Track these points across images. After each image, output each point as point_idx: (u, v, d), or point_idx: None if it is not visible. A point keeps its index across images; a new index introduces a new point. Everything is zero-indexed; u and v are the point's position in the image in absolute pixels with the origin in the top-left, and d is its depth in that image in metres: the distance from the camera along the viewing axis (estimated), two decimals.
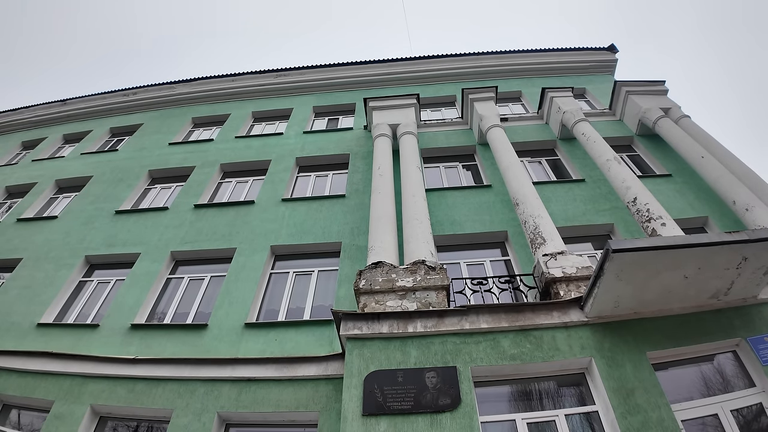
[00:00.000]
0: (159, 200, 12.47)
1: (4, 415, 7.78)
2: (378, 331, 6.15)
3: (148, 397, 7.17)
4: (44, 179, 14.28)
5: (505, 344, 5.89)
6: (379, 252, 7.64)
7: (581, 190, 10.31)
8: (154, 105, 17.51)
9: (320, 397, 6.71)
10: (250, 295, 8.73)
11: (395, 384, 5.59)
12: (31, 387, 7.70)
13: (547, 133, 12.72)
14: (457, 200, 10.40)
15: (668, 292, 5.61)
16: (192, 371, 7.28)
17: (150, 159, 14.03)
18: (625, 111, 12.56)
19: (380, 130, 11.69)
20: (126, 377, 7.48)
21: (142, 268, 9.82)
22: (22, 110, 18.95)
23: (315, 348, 7.51)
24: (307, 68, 17.21)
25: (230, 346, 7.81)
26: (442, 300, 6.63)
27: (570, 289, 6.49)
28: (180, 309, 9.07)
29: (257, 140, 14.08)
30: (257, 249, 9.75)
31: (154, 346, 8.09)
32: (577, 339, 5.80)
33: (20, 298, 9.79)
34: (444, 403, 5.32)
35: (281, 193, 11.40)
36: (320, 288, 9.04)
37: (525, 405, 5.66)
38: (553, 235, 7.60)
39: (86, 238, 11.15)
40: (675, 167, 10.78)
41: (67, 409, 7.22)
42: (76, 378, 7.64)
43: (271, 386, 6.95)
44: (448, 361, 5.77)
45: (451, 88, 16.14)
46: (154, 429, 7.12)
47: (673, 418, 4.97)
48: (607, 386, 5.28)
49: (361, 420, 5.32)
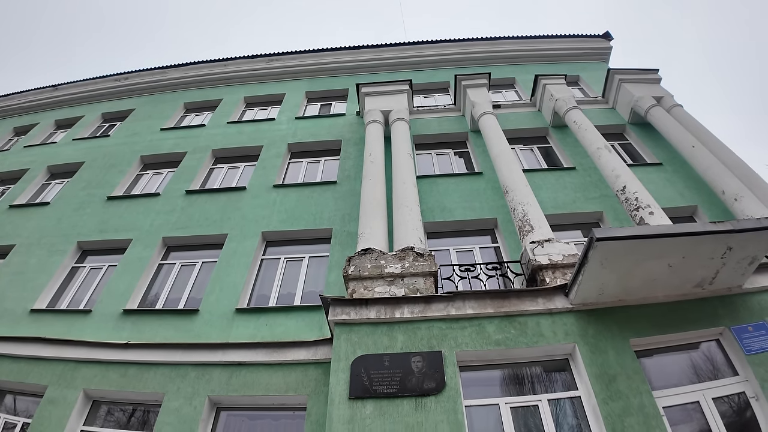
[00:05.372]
0: (151, 186, 12.42)
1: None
2: (366, 316, 6.23)
3: (140, 381, 7.25)
4: (36, 165, 14.19)
5: (491, 330, 5.97)
6: (369, 238, 7.69)
7: (572, 178, 10.35)
8: (146, 90, 17.32)
9: (309, 380, 6.81)
10: (241, 280, 8.78)
11: (382, 368, 5.69)
12: (25, 372, 7.76)
13: (539, 121, 12.72)
14: (449, 187, 10.42)
15: (653, 280, 5.68)
16: (183, 356, 7.35)
17: (142, 145, 13.94)
18: (618, 99, 12.56)
19: (372, 116, 11.66)
20: (118, 362, 7.54)
21: (134, 254, 9.84)
22: (14, 96, 18.72)
23: (305, 333, 7.58)
24: (300, 53, 17.06)
25: (221, 331, 7.89)
26: (429, 286, 6.70)
27: (556, 276, 6.56)
28: (172, 294, 9.12)
29: (249, 126, 14.01)
30: (248, 235, 9.78)
31: (146, 331, 8.15)
32: (561, 325, 5.89)
33: (13, 284, 9.80)
34: (429, 386, 5.42)
35: (273, 179, 11.40)
36: (311, 274, 9.10)
37: (509, 389, 5.77)
38: (541, 223, 7.66)
39: (78, 224, 11.14)
40: (666, 156, 10.81)
41: (61, 393, 7.29)
42: (69, 363, 7.70)
43: (261, 370, 7.04)
44: (433, 346, 5.86)
45: (444, 74, 16.04)
46: (147, 412, 7.21)
47: (654, 404, 5.07)
48: (590, 372, 5.38)
49: (348, 403, 5.42)
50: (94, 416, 7.29)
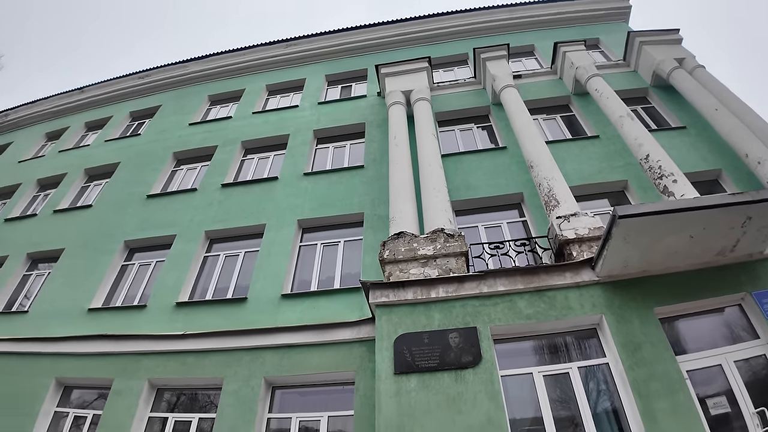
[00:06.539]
0: (186, 181, 12.99)
1: (65, 397, 8.61)
2: (403, 297, 6.69)
3: (198, 368, 7.93)
4: (73, 169, 14.84)
5: (521, 305, 6.36)
6: (400, 222, 8.08)
7: (596, 147, 10.44)
8: (170, 85, 17.72)
9: (355, 357, 7.36)
10: (283, 267, 9.33)
11: (422, 345, 6.18)
12: (90, 368, 8.51)
13: (561, 89, 12.70)
14: (473, 164, 10.65)
15: (674, 251, 5.91)
16: (237, 342, 7.98)
17: (172, 141, 14.46)
18: (639, 62, 12.39)
19: (394, 98, 11.87)
20: (177, 351, 8.21)
21: (179, 249, 10.47)
22: (41, 101, 19.30)
23: (346, 313, 8.08)
24: (317, 35, 17.16)
25: (269, 317, 8.47)
26: (461, 266, 7.09)
27: (582, 250, 6.86)
28: (219, 284, 9.75)
29: (274, 115, 14.36)
30: (285, 224, 10.28)
31: (199, 321, 8.77)
32: (588, 298, 6.24)
33: (67, 286, 10.55)
34: (466, 360, 5.89)
35: (302, 167, 11.81)
36: (347, 257, 9.57)
37: (541, 359, 6.21)
38: (567, 197, 7.89)
39: (122, 223, 11.78)
40: (690, 119, 10.71)
41: (126, 384, 8.00)
42: (131, 356, 8.40)
43: (309, 351, 7.62)
44: (468, 323, 6.30)
45: (462, 46, 15.95)
46: (208, 396, 7.89)
47: (678, 369, 5.43)
48: (617, 341, 5.75)
49: (394, 378, 5.95)
50: (159, 403, 8.02)
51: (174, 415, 7.78)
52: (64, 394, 8.62)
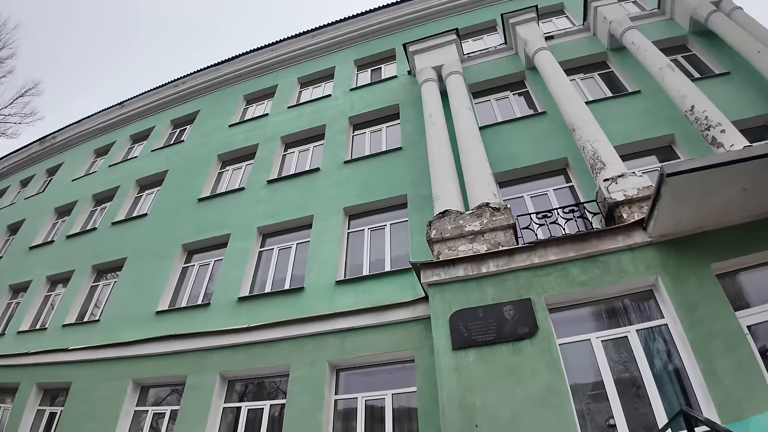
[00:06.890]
0: (234, 182, 13.49)
1: (143, 396, 9.32)
2: (455, 275, 6.84)
3: (265, 358, 8.42)
4: (125, 181, 15.71)
5: (574, 272, 6.37)
6: (444, 201, 8.17)
7: (638, 103, 10.06)
8: (205, 90, 18.27)
9: (412, 336, 7.60)
10: (335, 255, 9.64)
11: (477, 319, 6.34)
12: (163, 367, 9.18)
13: (596, 46, 12.24)
14: (513, 133, 10.50)
15: (727, 205, 5.73)
16: (299, 329, 8.40)
17: (215, 144, 14.98)
18: (675, 9, 11.69)
19: (425, 75, 11.83)
20: (243, 344, 8.74)
21: (235, 246, 10.98)
22: (85, 120, 20.48)
23: (400, 294, 8.30)
24: (341, 21, 17.13)
25: (326, 303, 8.82)
26: (510, 238, 7.14)
27: (633, 211, 6.75)
28: (276, 276, 10.20)
29: (308, 107, 14.60)
30: (331, 213, 10.56)
31: (261, 313, 9.23)
32: (642, 259, 6.17)
33: (134, 292, 11.31)
34: (523, 331, 6.00)
35: (342, 155, 12.03)
36: (395, 240, 9.76)
37: (599, 324, 6.22)
38: (613, 158, 7.72)
39: (177, 228, 12.43)
40: (733, 64, 10.05)
41: (199, 379, 8.60)
42: (201, 352, 9.02)
43: (368, 333, 7.94)
44: (522, 294, 6.39)
45: (489, 12, 15.48)
46: (276, 382, 8.39)
47: (738, 325, 5.33)
48: (674, 300, 5.68)
49: (452, 353, 6.16)
50: (231, 394, 8.58)
51: (246, 404, 8.30)
52: (142, 394, 9.33)
